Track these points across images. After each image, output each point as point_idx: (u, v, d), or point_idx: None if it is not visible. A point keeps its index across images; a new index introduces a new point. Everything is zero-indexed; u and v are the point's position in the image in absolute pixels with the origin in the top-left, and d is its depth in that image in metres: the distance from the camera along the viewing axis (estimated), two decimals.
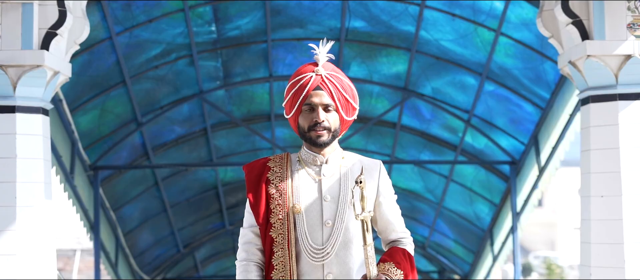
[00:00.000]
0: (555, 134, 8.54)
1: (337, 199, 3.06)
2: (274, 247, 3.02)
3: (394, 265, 3.02)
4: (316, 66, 3.10)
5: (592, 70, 5.74)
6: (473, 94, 9.38)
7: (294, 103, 3.09)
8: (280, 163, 3.14)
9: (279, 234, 3.02)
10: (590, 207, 5.78)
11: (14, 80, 5.46)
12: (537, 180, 9.22)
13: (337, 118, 3.08)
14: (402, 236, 3.18)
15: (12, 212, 5.36)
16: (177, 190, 11.31)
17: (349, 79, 3.15)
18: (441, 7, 8.45)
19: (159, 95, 9.55)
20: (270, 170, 3.12)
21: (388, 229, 3.17)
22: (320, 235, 3.01)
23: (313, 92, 3.05)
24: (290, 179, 3.09)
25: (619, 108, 5.71)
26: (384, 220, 3.16)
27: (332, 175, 3.10)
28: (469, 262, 11.73)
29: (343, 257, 3.01)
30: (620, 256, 5.61)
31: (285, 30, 9.10)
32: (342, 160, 3.15)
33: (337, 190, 3.07)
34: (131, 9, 8.05)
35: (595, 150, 5.80)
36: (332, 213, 3.04)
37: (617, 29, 5.70)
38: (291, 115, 3.12)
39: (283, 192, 3.06)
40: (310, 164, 3.12)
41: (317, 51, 3.14)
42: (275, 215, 3.04)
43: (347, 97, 3.09)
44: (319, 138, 3.05)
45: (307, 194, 3.06)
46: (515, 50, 8.52)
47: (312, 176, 3.10)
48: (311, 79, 3.06)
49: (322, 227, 3.02)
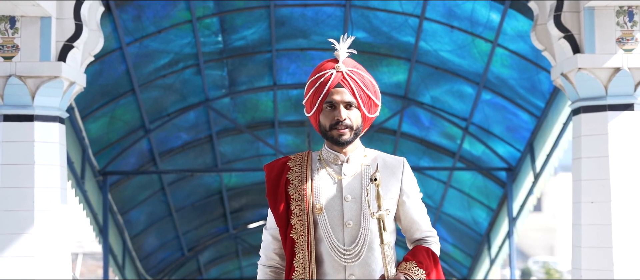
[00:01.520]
0: (550, 142, 8.74)
1: (359, 199, 2.92)
2: (295, 248, 2.90)
3: (416, 265, 2.89)
4: (336, 62, 2.95)
5: (583, 82, 5.95)
6: (471, 103, 9.58)
7: (314, 101, 2.94)
8: (301, 162, 3.01)
9: (299, 236, 2.90)
10: (581, 212, 5.99)
11: (33, 90, 5.68)
12: (532, 186, 9.41)
13: (359, 115, 2.94)
14: (427, 235, 3.05)
15: (31, 216, 5.58)
16: (183, 195, 11.54)
17: (370, 75, 3.00)
18: (440, 19, 8.65)
19: (167, 103, 9.78)
20: (289, 170, 2.99)
21: (412, 228, 3.03)
22: (342, 236, 2.89)
23: (334, 90, 2.91)
24: (310, 179, 2.96)
25: (608, 118, 5.92)
26: (408, 219, 3.02)
27: (353, 174, 2.96)
28: (467, 266, 11.88)
29: (366, 258, 2.88)
30: (609, 259, 5.83)
31: (289, 40, 9.34)
32: (364, 158, 3.00)
33: (358, 190, 2.93)
34: (141, 20, 8.30)
35: (586, 158, 6.01)
36: (353, 213, 2.90)
37: (607, 43, 5.90)
38: (312, 114, 2.97)
39: (302, 193, 2.93)
40: (331, 163, 2.99)
41: (337, 47, 2.98)
42: (295, 217, 2.92)
43: (369, 94, 2.95)
44: (341, 137, 2.91)
45: (328, 194, 2.92)
46: (511, 61, 8.71)
47: (333, 176, 2.96)
48: (332, 76, 2.92)
49: (343, 227, 2.89)
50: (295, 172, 2.99)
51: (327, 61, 2.99)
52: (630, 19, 5.95)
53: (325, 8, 8.81)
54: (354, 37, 3.02)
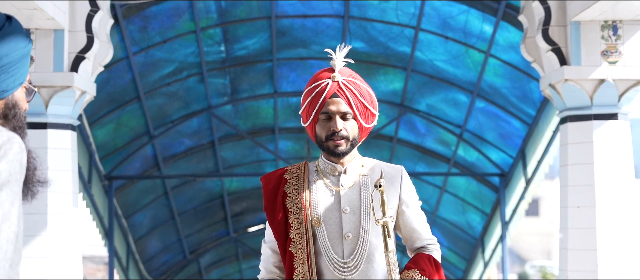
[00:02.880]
0: (541, 149, 8.94)
1: (357, 211, 2.83)
2: (294, 262, 2.81)
3: (419, 272, 2.80)
4: (332, 72, 2.85)
5: (569, 92, 6.19)
6: (465, 111, 9.77)
7: (310, 111, 2.85)
8: (297, 174, 2.92)
9: (298, 249, 2.82)
10: (567, 216, 6.22)
11: (46, 99, 5.92)
12: (524, 191, 9.61)
13: (355, 126, 2.84)
14: (428, 243, 2.96)
15: (44, 218, 5.81)
16: (185, 199, 11.70)
17: (367, 84, 2.89)
18: (435, 30, 8.87)
19: (171, 110, 9.98)
20: (286, 183, 2.91)
21: (413, 236, 2.94)
22: (341, 249, 2.80)
23: (330, 100, 2.81)
24: (307, 190, 2.87)
25: (593, 127, 6.15)
26: (408, 228, 2.93)
27: (351, 185, 2.87)
28: (462, 269, 12.01)
29: (365, 270, 2.79)
30: (594, 261, 6.07)
31: (290, 50, 9.57)
32: (362, 168, 2.91)
33: (357, 201, 2.84)
34: (147, 31, 8.53)
35: (572, 165, 6.23)
36: (352, 225, 2.82)
37: (592, 56, 6.13)
38: (308, 124, 2.89)
39: (300, 205, 2.84)
40: (328, 174, 2.90)
41: (334, 56, 2.88)
42: (293, 230, 2.83)
43: (366, 104, 2.85)
44: (337, 148, 2.82)
45: (326, 205, 2.84)
46: (503, 70, 8.92)
47: (330, 187, 2.87)
48: (327, 86, 2.82)
49: (343, 240, 2.81)
50: (292, 184, 2.90)
51: (323, 71, 2.90)
52: (614, 32, 6.17)
53: (325, 19, 9.04)
54: (350, 46, 2.92)
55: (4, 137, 1.83)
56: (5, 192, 1.77)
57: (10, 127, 2.07)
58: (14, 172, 1.81)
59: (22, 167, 1.84)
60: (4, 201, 1.77)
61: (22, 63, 2.09)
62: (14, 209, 1.79)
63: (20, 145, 1.84)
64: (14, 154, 1.81)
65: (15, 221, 1.79)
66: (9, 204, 1.78)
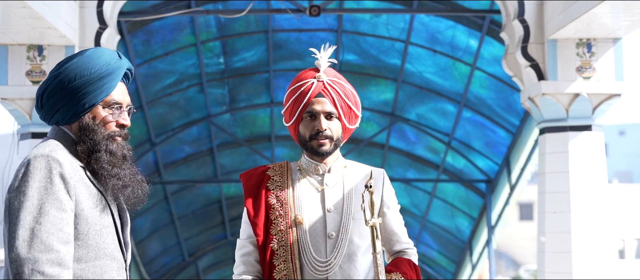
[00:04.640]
0: (524, 156, 9.28)
1: (340, 210, 2.80)
2: (274, 259, 2.77)
3: (401, 275, 2.79)
4: (317, 72, 2.83)
5: (546, 105, 6.58)
6: (453, 120, 10.07)
7: (294, 110, 2.81)
8: (280, 172, 2.88)
9: (280, 247, 2.76)
10: (545, 221, 6.61)
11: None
12: (508, 196, 9.94)
13: (339, 126, 2.81)
14: (406, 247, 2.93)
15: None
16: (185, 203, 11.93)
17: (351, 86, 2.88)
18: (423, 43, 9.20)
19: (172, 119, 10.27)
20: (270, 179, 2.86)
21: (393, 239, 2.90)
22: (324, 248, 2.76)
23: (314, 99, 2.78)
24: (291, 188, 2.83)
25: (569, 138, 6.54)
26: (388, 231, 2.89)
27: (335, 185, 2.85)
28: (451, 271, 12.23)
29: (347, 270, 2.75)
30: (569, 262, 6.47)
31: (286, 61, 9.89)
32: (345, 169, 2.89)
33: (340, 201, 2.82)
34: (150, 44, 8.86)
35: (549, 173, 6.62)
36: (336, 225, 2.78)
37: (568, 72, 6.52)
38: (291, 123, 2.85)
39: (284, 202, 2.80)
40: (312, 173, 2.86)
41: (318, 56, 2.86)
42: (276, 227, 2.79)
43: (350, 104, 2.82)
44: (321, 147, 2.79)
45: (310, 204, 2.81)
46: (488, 82, 9.25)
47: (315, 186, 2.84)
48: (312, 86, 2.78)
49: (326, 239, 2.77)
50: (275, 181, 2.86)
51: (308, 70, 2.86)
52: (589, 50, 6.57)
53: (319, 33, 9.37)
54: (334, 46, 2.91)
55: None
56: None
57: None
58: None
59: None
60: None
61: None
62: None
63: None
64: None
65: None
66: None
